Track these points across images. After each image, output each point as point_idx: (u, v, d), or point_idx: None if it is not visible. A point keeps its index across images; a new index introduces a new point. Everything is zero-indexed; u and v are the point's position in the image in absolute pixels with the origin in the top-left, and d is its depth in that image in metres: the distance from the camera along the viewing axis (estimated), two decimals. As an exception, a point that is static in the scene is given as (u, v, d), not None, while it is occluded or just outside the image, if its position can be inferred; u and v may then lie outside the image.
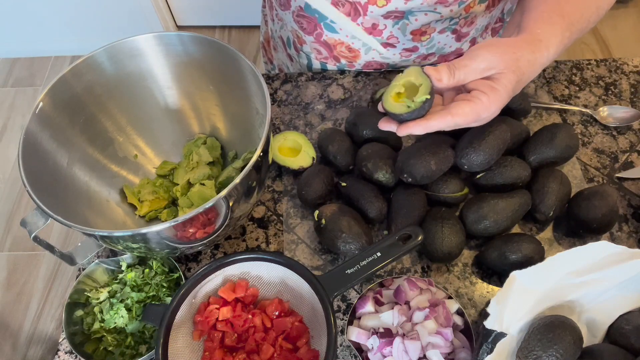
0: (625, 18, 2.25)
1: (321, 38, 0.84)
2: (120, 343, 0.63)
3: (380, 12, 0.74)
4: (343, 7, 0.75)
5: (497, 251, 0.64)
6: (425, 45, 0.82)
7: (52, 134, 0.63)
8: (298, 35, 0.87)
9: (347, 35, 0.82)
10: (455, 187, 0.68)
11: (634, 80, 0.85)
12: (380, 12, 0.74)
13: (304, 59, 0.91)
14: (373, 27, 0.78)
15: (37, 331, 1.62)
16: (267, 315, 0.59)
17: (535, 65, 0.58)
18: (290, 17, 0.84)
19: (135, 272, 0.65)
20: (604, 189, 0.67)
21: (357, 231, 0.65)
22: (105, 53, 0.66)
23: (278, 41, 0.96)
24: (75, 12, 2.12)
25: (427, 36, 0.80)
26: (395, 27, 0.78)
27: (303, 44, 0.87)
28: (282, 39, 0.93)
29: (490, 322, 0.56)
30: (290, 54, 0.94)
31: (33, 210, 0.56)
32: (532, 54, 0.57)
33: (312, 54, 0.88)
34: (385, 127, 0.60)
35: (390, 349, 0.56)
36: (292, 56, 0.94)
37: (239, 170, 0.70)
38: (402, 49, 0.82)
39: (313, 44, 0.86)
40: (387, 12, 0.74)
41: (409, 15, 0.76)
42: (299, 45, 0.88)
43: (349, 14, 0.76)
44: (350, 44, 0.83)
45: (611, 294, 0.58)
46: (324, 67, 0.90)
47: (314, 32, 0.83)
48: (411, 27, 0.78)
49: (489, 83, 0.56)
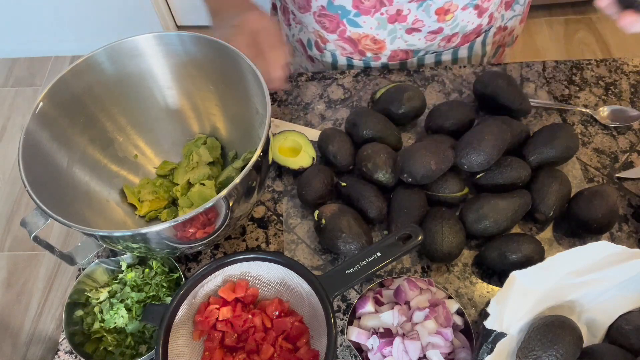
0: (625, 18, 2.24)
1: (345, 34, 0.84)
2: (120, 343, 0.63)
3: None
4: (368, 1, 0.75)
5: (497, 251, 0.64)
6: (449, 25, 0.83)
7: (52, 134, 0.63)
8: (320, 35, 0.87)
9: (372, 27, 0.82)
10: (455, 187, 0.68)
11: (634, 80, 0.85)
12: None
13: (328, 57, 0.91)
14: (397, 13, 0.79)
15: (37, 331, 1.62)
16: (267, 315, 0.59)
17: None
18: (312, 18, 0.85)
19: (135, 272, 0.65)
20: (604, 189, 0.67)
21: (357, 231, 0.65)
22: (105, 53, 0.66)
23: (296, 45, 0.96)
24: (75, 12, 2.12)
25: (450, 14, 0.81)
26: (420, 10, 0.79)
27: (326, 43, 0.88)
28: (302, 42, 0.94)
29: (490, 322, 0.56)
30: (312, 56, 0.94)
31: (33, 210, 0.56)
32: None
33: (337, 51, 0.88)
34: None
35: (390, 349, 0.56)
36: (313, 57, 0.94)
37: (239, 170, 0.69)
38: (428, 32, 0.83)
39: (337, 41, 0.87)
40: None
41: None
42: (322, 44, 0.89)
43: (374, 7, 0.77)
44: (375, 35, 0.84)
45: (611, 294, 0.58)
46: (349, 62, 0.91)
47: (337, 29, 0.84)
48: (435, 7, 0.79)
49: None
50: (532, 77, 0.86)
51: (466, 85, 0.85)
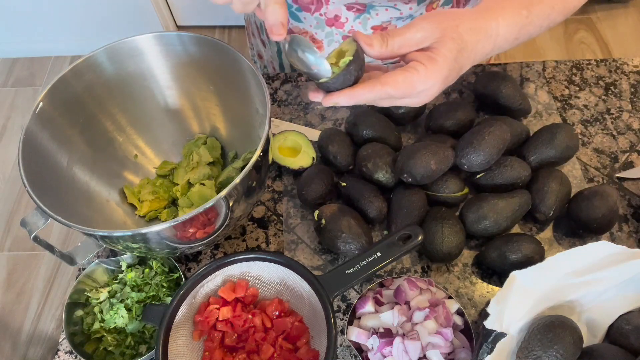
0: (625, 18, 2.25)
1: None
2: (120, 343, 0.63)
3: (343, 0, 0.74)
4: None
5: (497, 251, 0.64)
6: None
7: (52, 134, 0.63)
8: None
9: (311, 25, 0.81)
10: (455, 187, 0.68)
11: (634, 80, 0.85)
12: (342, 0, 0.74)
13: (273, 45, 0.91)
14: (335, 18, 0.78)
15: (37, 331, 1.62)
16: (267, 315, 0.59)
17: (479, 34, 0.52)
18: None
19: (135, 272, 0.65)
20: (604, 189, 0.67)
21: (357, 231, 0.65)
22: (105, 53, 0.66)
23: (253, 27, 0.96)
24: (75, 12, 2.12)
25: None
26: (357, 21, 0.78)
27: None
28: (257, 25, 0.94)
29: (490, 322, 0.56)
30: (263, 40, 0.94)
31: (33, 210, 0.56)
32: (476, 21, 0.52)
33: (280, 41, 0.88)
34: (314, 97, 0.52)
35: (390, 349, 0.56)
36: (264, 42, 0.94)
37: (239, 170, 0.69)
38: None
39: None
40: (349, 2, 0.74)
41: (370, 9, 0.75)
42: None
43: (312, 3, 0.74)
44: (314, 33, 0.83)
45: (611, 294, 0.58)
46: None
47: None
48: (372, 22, 0.78)
49: (427, 54, 0.50)
50: (532, 77, 0.86)
51: (466, 85, 0.85)
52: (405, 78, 0.49)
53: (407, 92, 0.50)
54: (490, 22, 0.52)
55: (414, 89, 0.50)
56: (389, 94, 0.50)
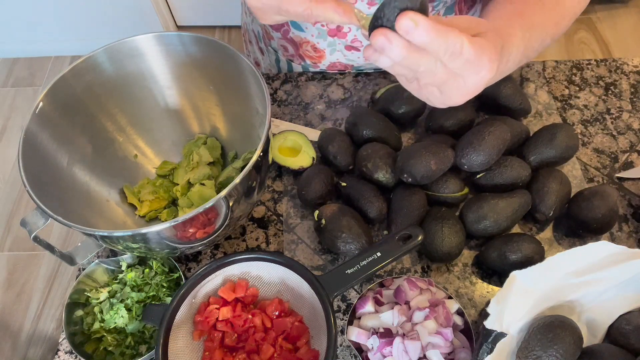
0: (625, 18, 2.25)
1: (288, 35, 0.84)
2: (120, 343, 0.63)
3: None
4: None
5: (497, 251, 0.64)
6: None
7: (52, 134, 0.63)
8: (267, 31, 0.87)
9: (313, 35, 0.82)
10: (455, 187, 0.68)
11: (634, 80, 0.85)
12: None
13: (272, 54, 0.91)
14: (338, 28, 0.78)
15: (37, 331, 1.62)
16: (267, 315, 0.59)
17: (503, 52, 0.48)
18: None
19: (135, 272, 0.65)
20: (604, 189, 0.67)
21: (357, 231, 0.65)
22: (105, 53, 0.66)
23: (251, 34, 0.97)
24: (75, 12, 2.12)
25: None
26: (360, 31, 0.78)
27: (271, 40, 0.88)
28: (255, 32, 0.94)
29: (490, 322, 0.56)
30: (261, 48, 0.94)
31: (33, 210, 0.56)
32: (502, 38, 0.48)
33: (279, 50, 0.88)
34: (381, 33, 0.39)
35: (390, 349, 0.56)
36: (262, 50, 0.95)
37: (239, 170, 0.70)
38: None
39: (280, 40, 0.86)
40: None
41: None
42: (268, 40, 0.89)
43: None
44: (315, 43, 0.83)
45: (611, 294, 0.58)
46: (289, 65, 0.91)
47: (281, 28, 0.84)
48: None
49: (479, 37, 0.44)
50: (532, 77, 0.86)
51: (466, 85, 0.85)
52: (477, 40, 0.42)
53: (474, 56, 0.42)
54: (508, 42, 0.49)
55: (483, 54, 0.42)
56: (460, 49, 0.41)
